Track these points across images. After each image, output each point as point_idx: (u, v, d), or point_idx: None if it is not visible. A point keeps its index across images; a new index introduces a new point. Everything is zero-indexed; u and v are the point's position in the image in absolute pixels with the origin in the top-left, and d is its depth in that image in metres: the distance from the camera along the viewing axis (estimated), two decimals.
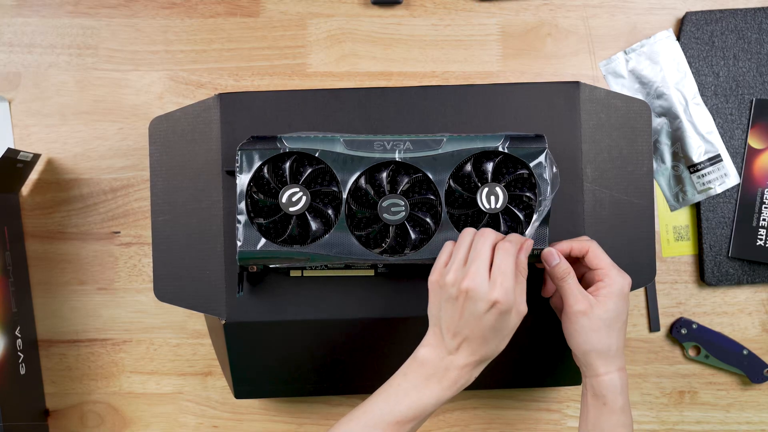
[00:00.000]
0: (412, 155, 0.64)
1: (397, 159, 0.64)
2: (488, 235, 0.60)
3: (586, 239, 0.65)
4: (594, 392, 0.64)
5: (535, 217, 0.64)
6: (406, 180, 0.64)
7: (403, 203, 0.63)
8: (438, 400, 0.59)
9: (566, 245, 0.64)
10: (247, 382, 0.75)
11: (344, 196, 0.63)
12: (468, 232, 0.61)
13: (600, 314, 0.62)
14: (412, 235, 0.64)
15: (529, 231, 0.64)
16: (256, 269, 0.66)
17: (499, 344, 0.60)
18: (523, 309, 0.60)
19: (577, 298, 0.62)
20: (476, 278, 0.58)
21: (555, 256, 0.63)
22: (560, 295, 0.64)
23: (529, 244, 0.62)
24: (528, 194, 0.64)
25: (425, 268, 0.68)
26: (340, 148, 0.64)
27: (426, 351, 0.61)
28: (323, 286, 0.70)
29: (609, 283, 0.62)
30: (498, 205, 0.63)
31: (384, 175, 0.64)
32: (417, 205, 0.64)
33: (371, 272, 0.69)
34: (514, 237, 0.61)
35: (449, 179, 0.64)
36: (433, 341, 0.61)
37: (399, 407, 0.59)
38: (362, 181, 0.64)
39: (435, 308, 0.61)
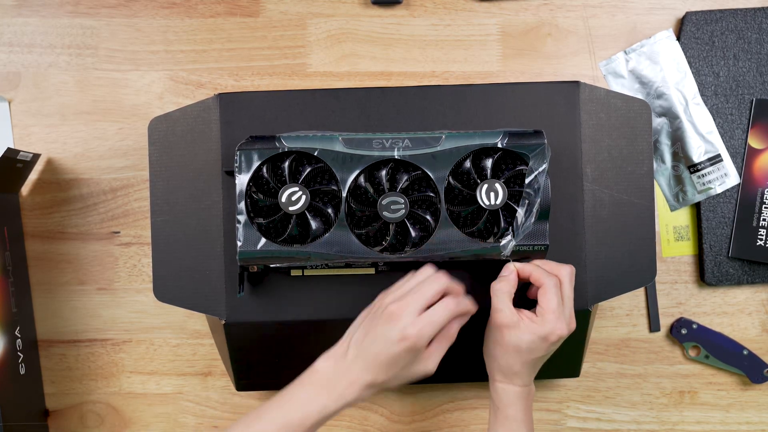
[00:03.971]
0: (411, 153, 0.64)
1: (396, 157, 0.63)
2: (442, 279, 0.61)
3: (556, 272, 0.65)
4: (491, 395, 0.67)
5: (521, 211, 0.64)
6: (405, 178, 0.64)
7: (403, 201, 0.63)
8: (322, 410, 0.59)
9: (529, 269, 0.65)
10: (248, 377, 0.75)
11: (344, 194, 0.63)
12: (428, 268, 0.63)
13: (513, 338, 0.63)
14: (413, 233, 0.64)
15: (522, 219, 0.63)
16: (256, 269, 0.66)
17: (392, 379, 0.60)
18: (431, 368, 0.61)
19: (505, 312, 0.63)
20: (405, 308, 0.59)
21: (510, 268, 0.65)
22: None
23: (466, 316, 0.63)
24: (528, 190, 0.64)
25: (419, 266, 0.68)
26: (339, 147, 0.64)
27: (323, 361, 0.61)
28: (323, 285, 0.70)
29: (539, 322, 0.63)
30: (497, 202, 0.63)
31: (383, 173, 0.64)
32: (417, 203, 0.64)
33: (372, 270, 0.69)
34: (465, 300, 0.63)
35: (448, 176, 0.64)
36: (335, 353, 0.61)
37: (287, 414, 0.59)
38: (361, 179, 0.64)
39: (357, 321, 0.63)
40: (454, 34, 0.84)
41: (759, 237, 0.81)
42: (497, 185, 0.63)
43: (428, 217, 0.64)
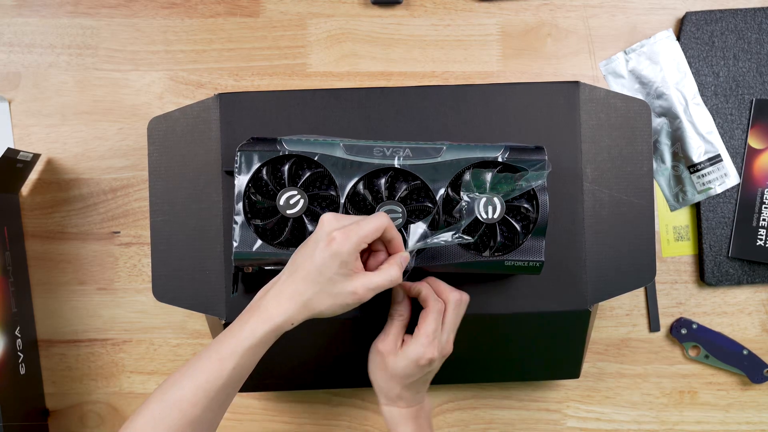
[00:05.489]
0: (412, 162, 0.63)
1: (396, 166, 0.63)
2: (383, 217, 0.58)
3: (445, 296, 0.64)
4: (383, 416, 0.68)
5: (518, 226, 0.63)
6: (404, 187, 0.63)
7: (401, 210, 0.63)
8: (251, 334, 0.56)
9: (418, 289, 0.64)
10: (248, 377, 0.75)
11: (342, 200, 0.63)
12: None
13: (391, 364, 0.64)
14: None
15: (519, 235, 0.63)
16: (251, 270, 0.66)
17: (320, 295, 0.56)
18: (358, 291, 0.56)
19: (388, 338, 0.64)
20: (341, 219, 0.57)
21: (401, 294, 0.65)
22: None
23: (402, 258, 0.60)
24: (526, 205, 0.63)
25: (420, 276, 0.68)
26: (339, 153, 0.63)
27: (260, 291, 0.60)
28: None
29: (412, 346, 0.63)
30: (495, 215, 0.63)
31: (382, 181, 0.63)
32: (414, 213, 0.64)
33: None
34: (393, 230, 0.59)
35: (447, 187, 0.63)
36: (272, 281, 0.59)
37: (222, 342, 0.57)
38: (360, 186, 0.63)
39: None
40: (454, 34, 0.84)
41: (759, 237, 0.81)
42: (495, 199, 0.63)
43: (426, 227, 0.64)
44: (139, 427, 0.56)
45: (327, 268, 0.56)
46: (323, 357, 0.74)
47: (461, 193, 0.63)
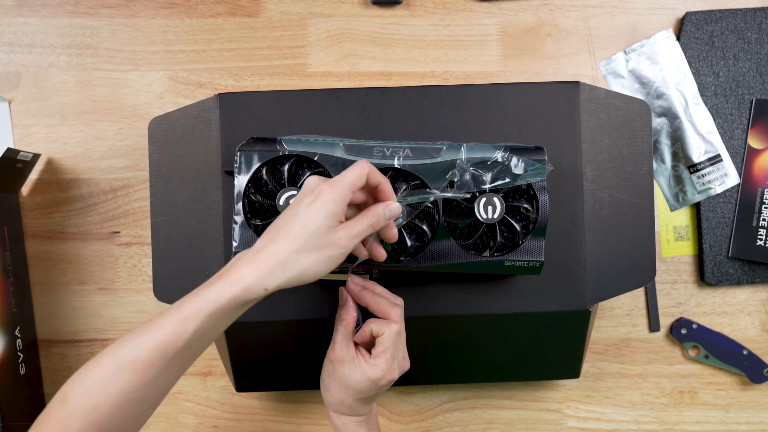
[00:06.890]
0: (412, 162, 0.63)
1: (396, 166, 0.63)
2: (365, 165, 0.56)
3: (394, 319, 0.63)
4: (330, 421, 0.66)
5: (518, 226, 0.63)
6: (404, 187, 0.63)
7: (402, 210, 0.63)
8: (219, 295, 0.52)
9: (374, 301, 0.63)
10: (247, 377, 0.75)
11: None
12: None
13: (344, 374, 0.62)
14: (408, 242, 0.63)
15: (519, 235, 0.64)
16: None
17: (302, 250, 0.53)
18: (342, 241, 0.54)
19: (335, 347, 0.63)
20: (324, 178, 0.56)
21: (350, 304, 0.64)
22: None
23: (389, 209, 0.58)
24: (525, 205, 0.63)
25: (420, 276, 0.67)
26: (339, 153, 0.63)
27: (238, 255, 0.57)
28: (320, 288, 0.70)
29: (372, 365, 0.61)
30: (495, 216, 0.63)
31: None
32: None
33: (366, 277, 0.69)
34: (377, 175, 0.57)
35: (447, 187, 0.63)
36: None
37: (185, 303, 0.54)
38: None
39: None
40: (454, 34, 0.84)
41: (759, 237, 0.81)
42: (495, 199, 0.63)
43: (425, 227, 0.63)
44: (88, 387, 0.51)
45: (312, 221, 0.53)
46: (323, 357, 0.74)
47: (456, 162, 0.62)
